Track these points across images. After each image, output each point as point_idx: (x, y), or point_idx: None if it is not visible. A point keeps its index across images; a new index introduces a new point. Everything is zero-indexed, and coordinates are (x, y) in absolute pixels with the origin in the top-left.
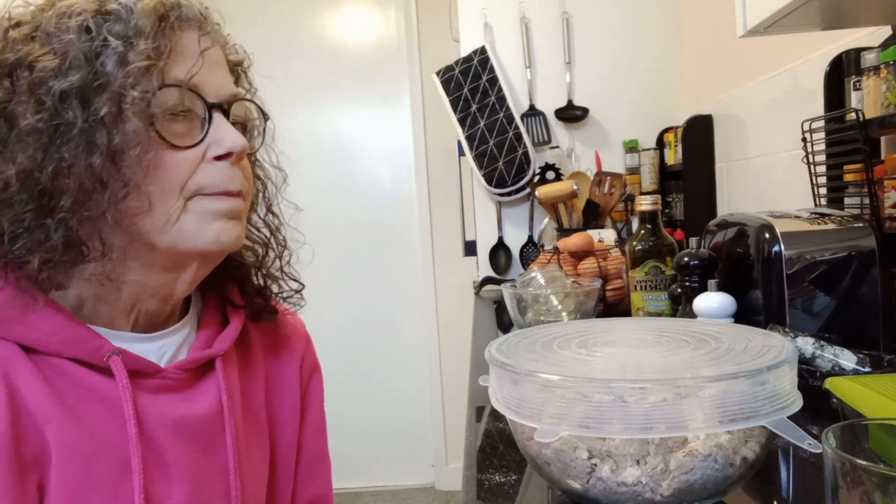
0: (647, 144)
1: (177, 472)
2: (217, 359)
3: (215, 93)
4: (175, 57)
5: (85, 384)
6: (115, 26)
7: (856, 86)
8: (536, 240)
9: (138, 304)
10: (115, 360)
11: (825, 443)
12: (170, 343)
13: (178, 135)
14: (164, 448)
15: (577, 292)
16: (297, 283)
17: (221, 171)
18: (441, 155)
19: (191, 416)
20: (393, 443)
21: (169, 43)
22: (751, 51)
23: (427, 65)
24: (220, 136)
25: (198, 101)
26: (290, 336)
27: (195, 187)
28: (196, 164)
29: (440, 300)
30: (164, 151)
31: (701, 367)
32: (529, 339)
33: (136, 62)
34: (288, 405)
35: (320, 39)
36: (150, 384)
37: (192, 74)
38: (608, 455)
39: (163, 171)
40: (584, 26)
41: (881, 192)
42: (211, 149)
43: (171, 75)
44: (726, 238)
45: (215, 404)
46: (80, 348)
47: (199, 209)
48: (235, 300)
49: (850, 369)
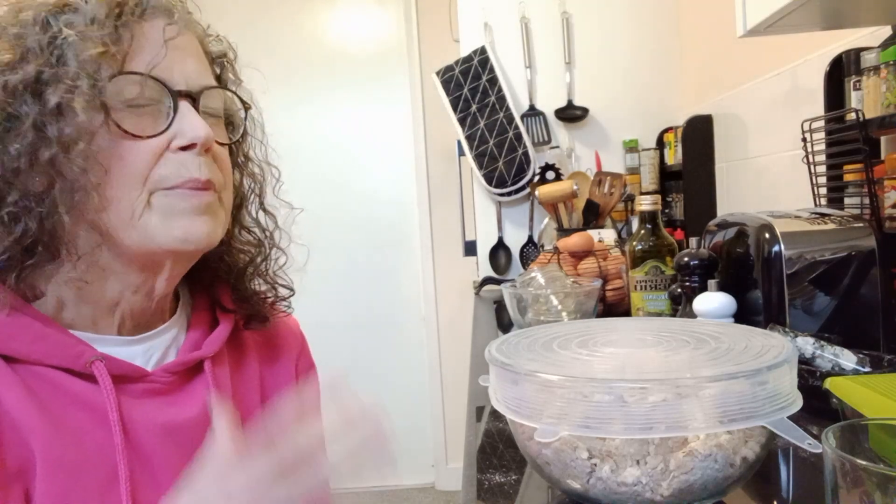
0: (647, 144)
1: (165, 479)
2: (206, 361)
3: (183, 81)
4: (138, 47)
5: (69, 392)
6: (72, 17)
7: (856, 86)
8: (536, 240)
9: (122, 303)
10: (99, 366)
11: (825, 443)
12: (157, 345)
13: (140, 125)
14: (151, 454)
15: (577, 292)
16: (288, 289)
17: (186, 162)
18: (441, 155)
19: (179, 421)
20: (392, 443)
21: (130, 32)
22: (751, 51)
23: (427, 65)
24: (183, 126)
25: (162, 91)
26: (284, 335)
27: (157, 178)
28: (158, 155)
29: (440, 300)
30: (123, 142)
31: (701, 367)
32: (529, 339)
33: (88, 51)
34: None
35: (320, 39)
36: (136, 389)
37: (154, 65)
38: (608, 455)
39: (122, 162)
40: (584, 26)
41: (881, 192)
42: (176, 139)
43: (132, 65)
44: (726, 238)
45: (204, 408)
46: (62, 356)
47: (162, 206)
48: (226, 303)
49: (850, 369)
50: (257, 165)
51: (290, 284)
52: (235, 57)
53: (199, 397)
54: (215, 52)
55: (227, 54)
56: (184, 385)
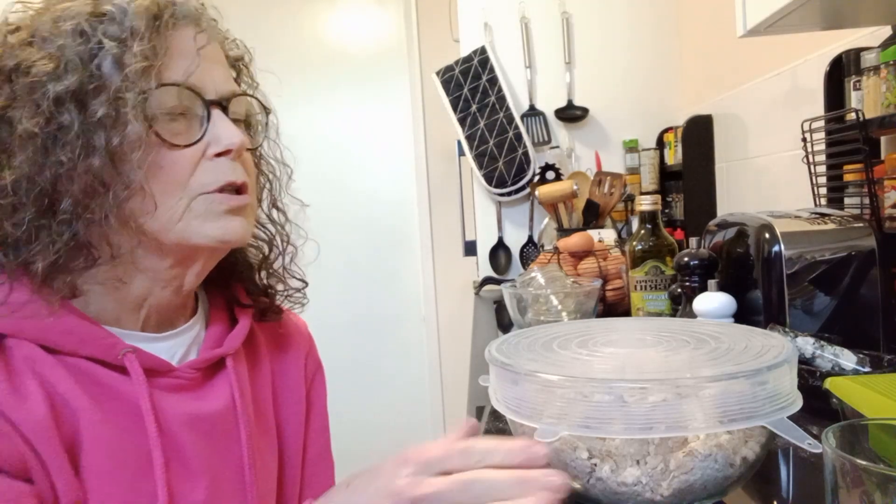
0: (647, 144)
1: (196, 467)
2: (228, 357)
3: (213, 90)
4: (171, 56)
5: (102, 382)
6: (110, 28)
7: (856, 86)
8: (536, 240)
9: (150, 298)
10: (130, 357)
11: (825, 443)
12: (180, 343)
13: (176, 134)
14: (182, 443)
15: (577, 292)
16: (301, 281)
17: (222, 167)
18: (441, 155)
19: (204, 413)
20: (393, 442)
21: (164, 42)
22: (751, 51)
23: (427, 65)
24: (218, 133)
25: (196, 100)
26: (293, 335)
27: (197, 185)
28: (196, 162)
29: (440, 300)
30: (164, 151)
31: (701, 367)
32: (529, 339)
33: (132, 64)
34: (294, 403)
35: (320, 39)
36: (163, 383)
37: (190, 73)
38: (608, 455)
39: (164, 171)
40: (584, 26)
41: (881, 192)
42: (210, 146)
43: (168, 75)
44: (726, 238)
45: (227, 402)
46: (95, 346)
47: (202, 209)
48: (242, 300)
49: (850, 369)
50: (272, 165)
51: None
52: (251, 60)
53: (222, 392)
54: (234, 56)
55: (244, 58)
56: (206, 381)
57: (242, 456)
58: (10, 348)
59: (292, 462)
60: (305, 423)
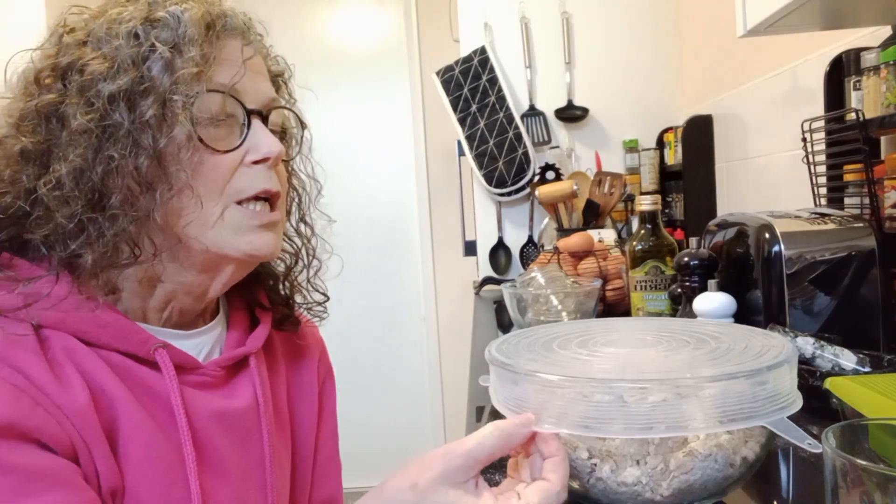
0: (647, 144)
1: (224, 464)
2: (251, 356)
3: (254, 99)
4: (219, 64)
5: (135, 375)
6: (163, 33)
7: (856, 86)
8: (536, 240)
9: (172, 302)
10: (161, 353)
11: (825, 443)
12: (205, 341)
13: (218, 139)
14: (209, 439)
15: (577, 292)
16: (323, 294)
17: (259, 174)
18: (441, 155)
19: (230, 410)
20: (393, 442)
21: (214, 51)
22: (751, 51)
23: (427, 65)
24: (257, 141)
25: (238, 107)
26: (307, 339)
27: (233, 191)
28: (234, 168)
29: (440, 300)
30: (205, 155)
31: (701, 367)
32: (529, 339)
33: (184, 69)
34: (307, 405)
35: (320, 39)
36: (190, 379)
37: (235, 81)
38: (608, 455)
39: (204, 174)
40: (584, 26)
41: (881, 192)
42: (249, 153)
43: (215, 81)
44: (726, 238)
45: (250, 400)
46: (129, 341)
47: (234, 221)
48: (263, 301)
49: (850, 369)
50: (302, 179)
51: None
52: (291, 77)
53: (245, 390)
54: (275, 72)
55: (284, 73)
56: (230, 379)
57: (264, 454)
58: (49, 338)
59: (304, 463)
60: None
